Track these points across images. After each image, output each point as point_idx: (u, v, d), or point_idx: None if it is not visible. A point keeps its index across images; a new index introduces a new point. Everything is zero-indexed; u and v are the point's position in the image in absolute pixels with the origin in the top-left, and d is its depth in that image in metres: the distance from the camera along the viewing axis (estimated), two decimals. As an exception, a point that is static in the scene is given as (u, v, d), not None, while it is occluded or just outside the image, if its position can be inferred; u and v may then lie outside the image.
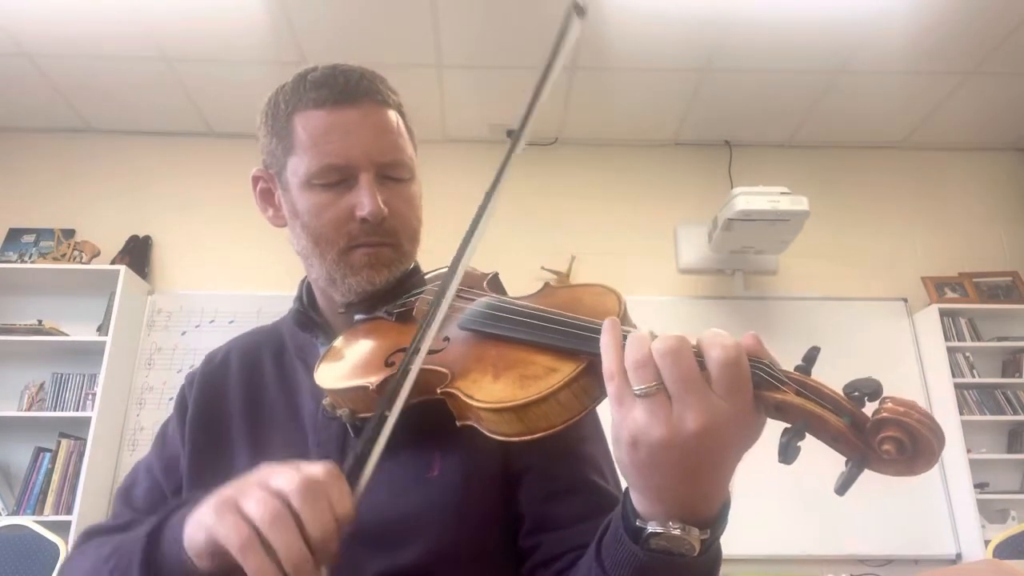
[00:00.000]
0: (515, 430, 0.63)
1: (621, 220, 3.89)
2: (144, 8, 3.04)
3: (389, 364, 0.73)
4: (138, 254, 3.67)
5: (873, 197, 4.01)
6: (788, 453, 0.51)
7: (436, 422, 0.70)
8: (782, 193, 3.23)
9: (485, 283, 0.85)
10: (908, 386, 3.54)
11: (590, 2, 0.62)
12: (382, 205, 0.81)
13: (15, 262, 3.56)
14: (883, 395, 0.50)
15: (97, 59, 3.37)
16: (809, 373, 0.53)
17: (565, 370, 0.62)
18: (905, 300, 3.76)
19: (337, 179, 0.82)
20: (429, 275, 0.93)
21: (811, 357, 0.54)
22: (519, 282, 0.94)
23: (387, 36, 3.24)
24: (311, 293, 0.96)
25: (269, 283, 3.18)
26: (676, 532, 0.54)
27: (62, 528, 2.94)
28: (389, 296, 0.85)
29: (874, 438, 0.49)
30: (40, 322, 3.40)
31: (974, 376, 3.53)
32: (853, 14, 3.07)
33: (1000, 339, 3.61)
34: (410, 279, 0.88)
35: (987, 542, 3.01)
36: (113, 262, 3.58)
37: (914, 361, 3.62)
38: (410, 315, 0.82)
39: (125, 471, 0.96)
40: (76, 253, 3.60)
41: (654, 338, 0.54)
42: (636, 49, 3.31)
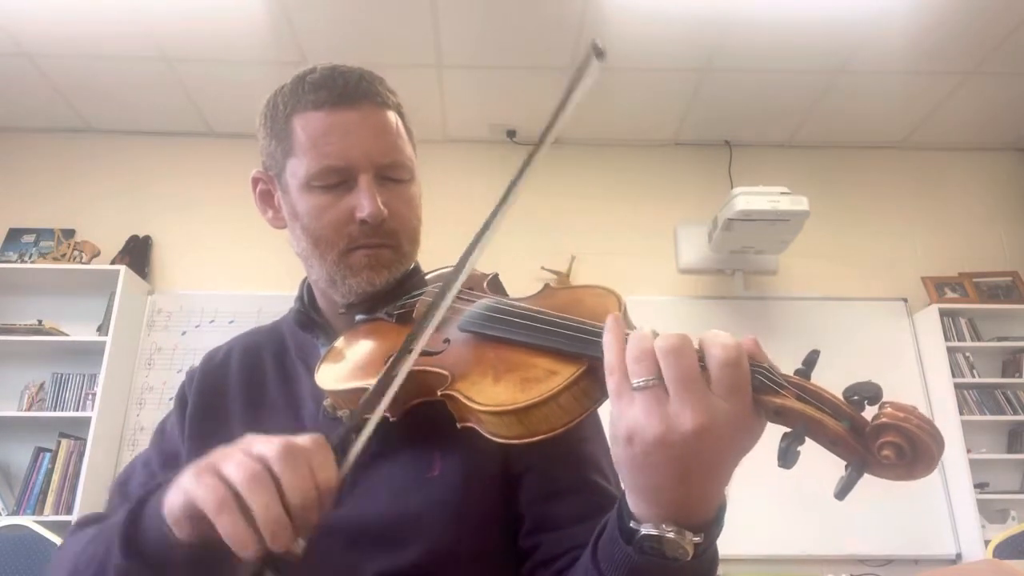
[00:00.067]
0: (515, 433, 0.63)
1: (621, 220, 3.88)
2: (144, 8, 3.04)
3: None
4: (138, 254, 3.67)
5: (873, 197, 4.01)
6: (788, 458, 0.50)
7: (436, 422, 0.70)
8: (782, 193, 3.23)
9: (485, 284, 0.85)
10: (908, 386, 3.54)
11: (608, 46, 0.61)
12: (382, 207, 0.81)
13: (15, 262, 3.56)
14: (883, 399, 0.50)
15: (97, 59, 3.37)
16: (809, 377, 0.53)
17: (565, 373, 0.62)
18: (905, 300, 3.76)
19: (336, 181, 0.82)
20: (430, 275, 0.93)
21: (811, 361, 0.54)
22: (519, 282, 0.95)
23: (387, 36, 3.24)
24: (312, 293, 0.95)
25: (269, 283, 3.18)
26: (670, 535, 0.54)
27: (62, 528, 2.93)
28: (389, 297, 0.85)
29: (873, 443, 0.49)
30: (40, 322, 3.40)
31: (974, 376, 3.53)
32: (853, 14, 3.07)
33: (1000, 339, 3.61)
34: (410, 280, 0.88)
35: (987, 542, 3.00)
36: (113, 262, 3.58)
37: (914, 361, 3.62)
38: (410, 316, 0.82)
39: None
40: (76, 253, 3.60)
41: (656, 336, 0.54)
42: (636, 49, 3.31)
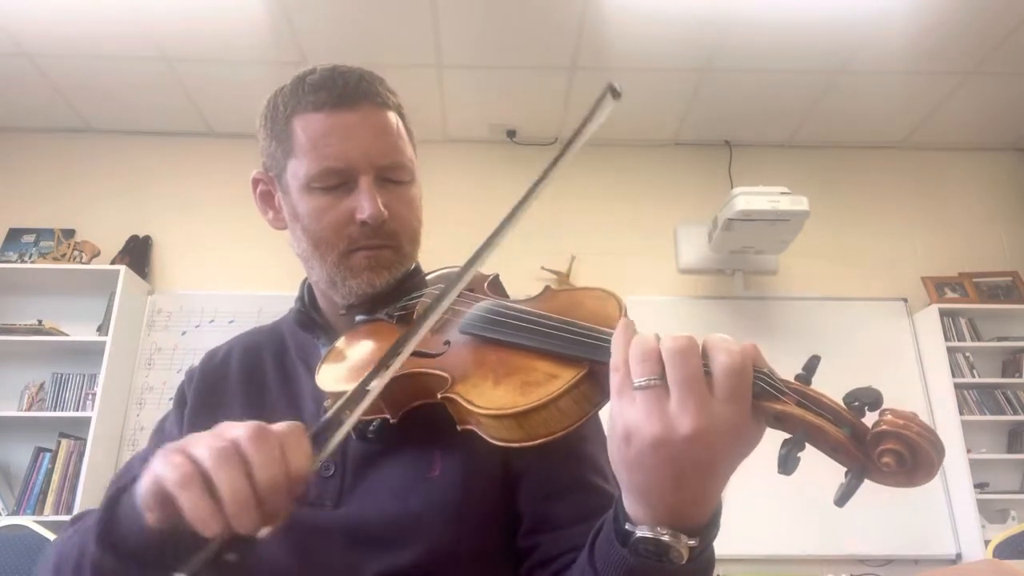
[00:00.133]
0: (515, 436, 0.62)
1: (621, 220, 3.88)
2: (144, 8, 3.03)
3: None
4: (138, 254, 3.67)
5: (873, 197, 4.01)
6: (788, 464, 0.50)
7: (437, 423, 0.70)
8: (782, 193, 3.23)
9: (486, 284, 0.85)
10: (908, 386, 3.54)
11: (623, 86, 0.62)
12: (382, 208, 0.81)
13: (15, 262, 3.55)
14: (883, 406, 0.50)
15: (97, 59, 3.37)
16: (809, 383, 0.53)
17: (566, 376, 0.61)
18: (905, 300, 3.76)
19: (337, 182, 0.82)
20: (431, 276, 0.93)
21: (811, 366, 0.53)
22: (519, 282, 0.95)
23: (387, 36, 3.24)
24: (312, 293, 0.95)
25: (269, 283, 3.18)
26: (665, 538, 0.54)
27: (62, 528, 2.93)
28: (390, 298, 0.85)
29: (874, 450, 0.49)
30: (40, 322, 3.40)
31: (974, 376, 3.53)
32: (853, 14, 3.07)
33: (1000, 339, 3.61)
34: (411, 280, 0.88)
35: (987, 542, 3.00)
36: (113, 262, 3.58)
37: (914, 361, 3.62)
38: (411, 318, 0.82)
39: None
40: (76, 253, 3.60)
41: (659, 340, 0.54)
42: (636, 49, 3.31)
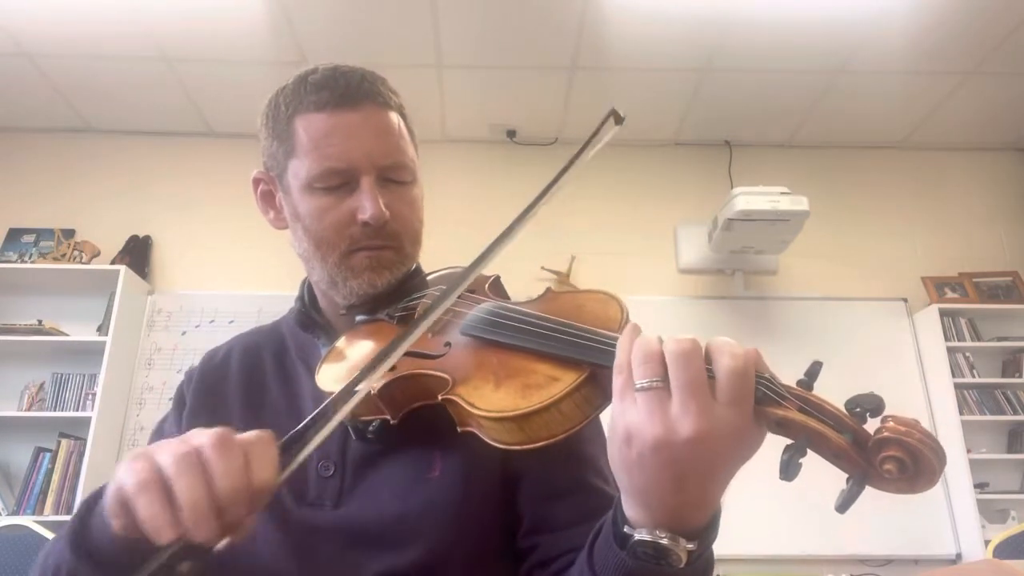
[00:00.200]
0: (516, 439, 0.62)
1: (621, 220, 3.88)
2: (144, 8, 3.03)
3: (391, 368, 0.72)
4: (138, 254, 3.67)
5: (873, 197, 4.01)
6: (790, 470, 0.50)
7: (437, 423, 0.70)
8: (782, 193, 3.23)
9: (487, 285, 0.85)
10: (908, 386, 3.54)
11: (625, 113, 0.63)
12: (384, 208, 0.81)
13: (15, 262, 3.55)
14: (885, 412, 0.50)
15: (97, 59, 3.37)
16: (811, 388, 0.53)
17: (567, 379, 0.61)
18: (905, 300, 3.76)
19: (338, 182, 0.82)
20: (431, 276, 0.93)
21: (813, 372, 0.53)
22: (519, 282, 0.95)
23: (387, 36, 3.24)
24: (312, 293, 0.95)
25: (269, 283, 3.18)
26: (664, 541, 0.54)
27: (62, 528, 2.94)
28: (391, 298, 0.85)
29: (876, 457, 0.49)
30: (40, 322, 3.39)
31: (974, 376, 3.53)
32: (853, 14, 3.07)
33: (1000, 339, 3.61)
34: (412, 281, 0.88)
35: (987, 542, 3.00)
36: (113, 262, 3.58)
37: (914, 361, 3.62)
38: (412, 319, 0.82)
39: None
40: (76, 253, 3.59)
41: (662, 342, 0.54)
42: (636, 49, 3.31)
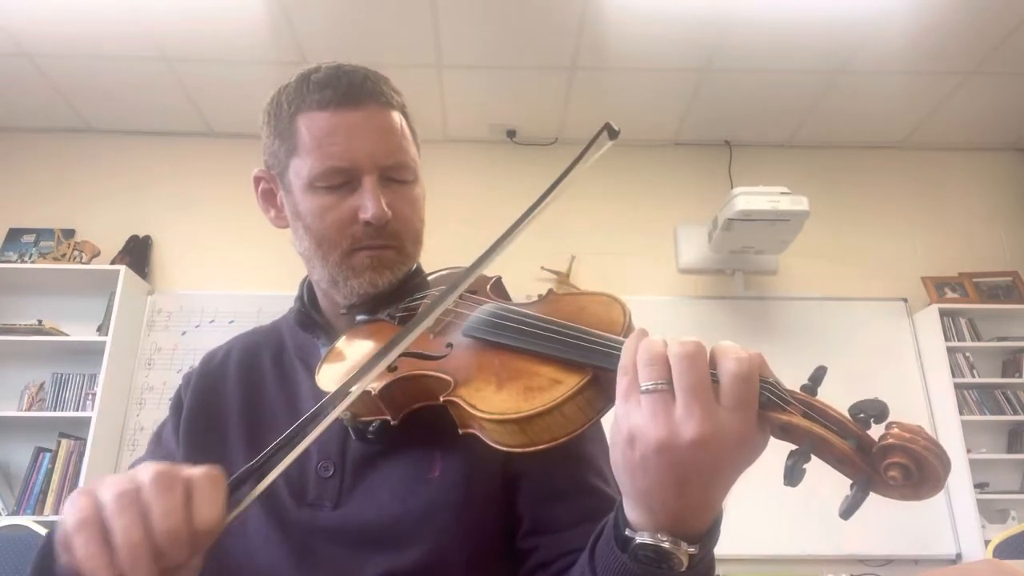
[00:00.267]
0: (518, 441, 0.62)
1: (621, 220, 3.88)
2: (144, 8, 3.03)
3: (391, 369, 0.72)
4: (138, 254, 3.66)
5: (873, 197, 4.01)
6: (794, 476, 0.50)
7: (437, 424, 0.69)
8: (782, 193, 3.23)
9: (488, 287, 0.84)
10: (908, 386, 3.54)
11: (619, 126, 0.64)
12: (385, 208, 0.81)
13: (15, 262, 3.55)
14: (889, 418, 0.50)
15: (97, 59, 3.36)
16: (815, 393, 0.52)
17: (570, 382, 0.61)
18: (905, 300, 3.76)
19: (340, 181, 0.81)
20: (432, 276, 0.92)
21: (817, 377, 0.53)
22: (519, 282, 0.95)
23: (387, 36, 3.24)
24: (312, 293, 0.95)
25: (269, 283, 3.18)
26: (665, 544, 0.54)
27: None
28: (392, 298, 0.85)
29: (880, 463, 0.49)
30: (40, 322, 3.39)
31: (974, 376, 3.53)
32: (853, 14, 3.07)
33: (1000, 339, 3.61)
34: (413, 281, 0.88)
35: (987, 542, 3.00)
36: (113, 262, 3.58)
37: (914, 361, 3.62)
38: (413, 319, 0.82)
39: (125, 471, 0.94)
40: (76, 253, 3.59)
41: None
42: (636, 49, 3.31)
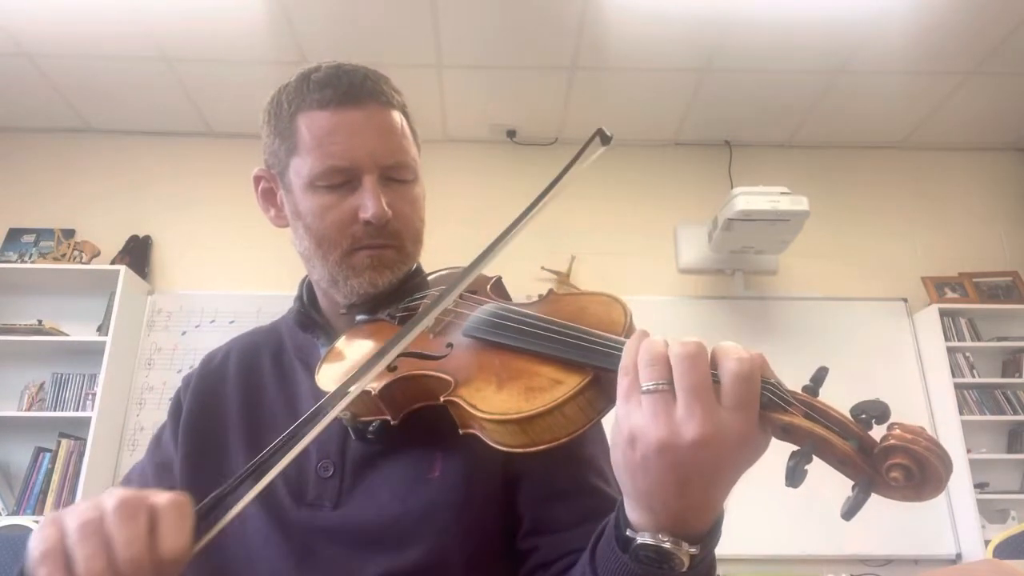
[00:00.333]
0: (518, 442, 0.62)
1: (621, 220, 3.88)
2: (144, 8, 3.03)
3: (391, 368, 0.72)
4: (138, 254, 3.66)
5: (873, 197, 4.01)
6: (795, 477, 0.50)
7: (438, 424, 0.69)
8: (782, 193, 3.23)
9: (488, 287, 0.84)
10: (908, 386, 3.54)
11: (612, 133, 0.63)
12: (386, 207, 0.81)
13: (15, 262, 3.55)
14: (891, 419, 0.50)
15: (97, 59, 3.36)
16: (817, 394, 0.52)
17: (571, 383, 0.61)
18: (905, 300, 3.76)
19: (341, 181, 0.81)
20: (432, 276, 0.92)
21: (819, 378, 0.53)
22: (519, 282, 0.95)
23: (387, 36, 3.24)
24: (312, 293, 0.95)
25: (269, 283, 3.18)
26: (666, 545, 0.53)
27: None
28: (392, 298, 0.85)
29: (882, 464, 0.49)
30: (40, 322, 3.39)
31: (974, 376, 3.53)
32: (853, 14, 3.07)
33: (1000, 339, 3.61)
34: (413, 280, 0.88)
35: (987, 542, 3.00)
36: (113, 262, 3.58)
37: (914, 361, 3.62)
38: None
39: (125, 471, 0.94)
40: (76, 253, 3.59)
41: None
42: (636, 49, 3.30)
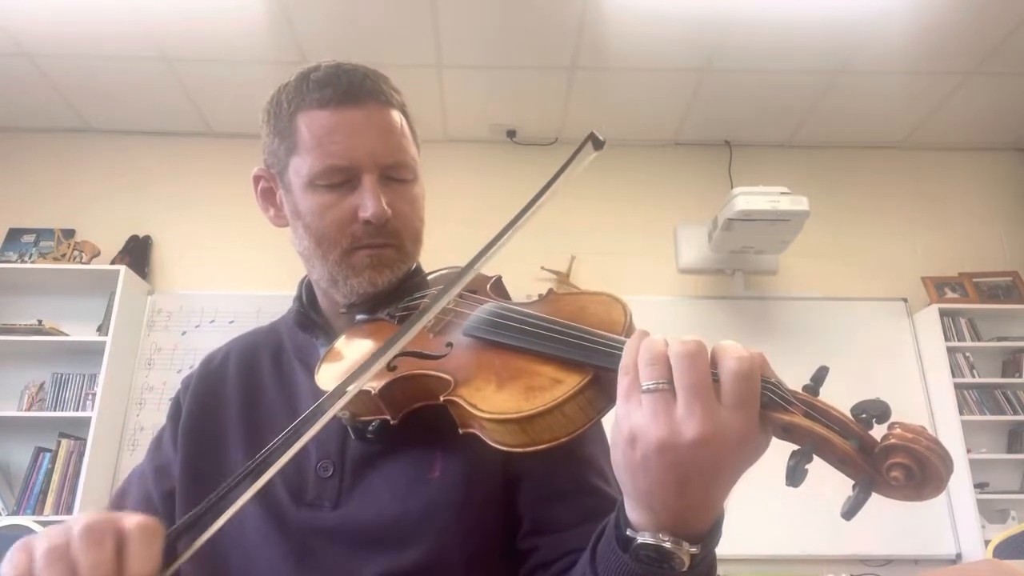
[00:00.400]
0: (518, 441, 0.62)
1: (621, 220, 3.88)
2: (144, 8, 3.03)
3: (391, 368, 0.72)
4: (138, 254, 3.66)
5: (873, 197, 4.01)
6: (796, 476, 0.50)
7: (438, 424, 0.69)
8: (782, 193, 3.23)
9: (488, 286, 0.84)
10: (908, 386, 3.54)
11: (606, 136, 0.63)
12: (385, 207, 0.81)
13: (15, 262, 3.55)
14: (891, 418, 0.50)
15: (97, 59, 3.36)
16: (817, 394, 0.52)
17: (571, 382, 0.61)
18: (905, 300, 3.76)
19: (340, 180, 0.81)
20: (432, 276, 0.92)
21: (819, 377, 0.53)
22: (519, 282, 0.95)
23: (387, 36, 3.24)
24: (311, 293, 0.95)
25: (269, 283, 3.18)
26: (666, 544, 0.53)
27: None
28: (391, 297, 0.85)
29: (882, 464, 0.48)
30: (40, 322, 3.39)
31: (974, 376, 3.53)
32: (853, 14, 3.07)
33: (1000, 339, 3.61)
34: (412, 280, 0.88)
35: (987, 542, 3.00)
36: (113, 262, 3.58)
37: (914, 361, 3.62)
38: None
39: (125, 471, 0.94)
40: (76, 253, 3.59)
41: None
42: (636, 49, 3.30)
